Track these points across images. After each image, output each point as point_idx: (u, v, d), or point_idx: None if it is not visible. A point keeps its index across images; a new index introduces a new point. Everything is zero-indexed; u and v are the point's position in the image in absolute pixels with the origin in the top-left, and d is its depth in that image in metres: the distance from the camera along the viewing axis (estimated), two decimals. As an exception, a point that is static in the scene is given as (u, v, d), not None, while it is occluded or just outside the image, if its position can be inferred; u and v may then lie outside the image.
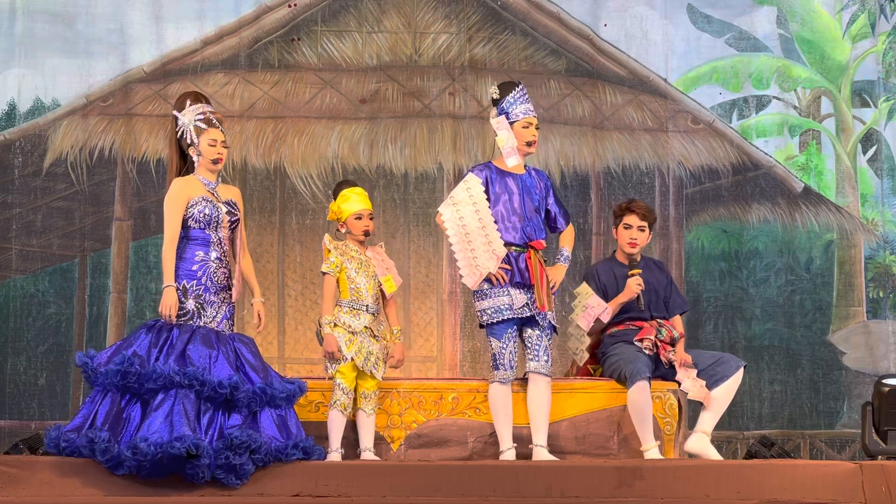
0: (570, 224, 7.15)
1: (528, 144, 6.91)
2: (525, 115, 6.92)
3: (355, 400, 6.81)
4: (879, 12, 10.08)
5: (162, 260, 6.52)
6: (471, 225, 6.78)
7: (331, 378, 6.77)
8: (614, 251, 7.46)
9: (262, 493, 6.21)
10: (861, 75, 10.13)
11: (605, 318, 7.12)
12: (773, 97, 10.11)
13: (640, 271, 7.19)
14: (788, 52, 10.13)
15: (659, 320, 7.19)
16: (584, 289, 7.19)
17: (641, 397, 6.82)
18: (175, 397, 6.24)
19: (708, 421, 7.03)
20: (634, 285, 7.13)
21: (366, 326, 6.79)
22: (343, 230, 6.94)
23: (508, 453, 6.76)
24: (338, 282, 6.87)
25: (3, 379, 9.45)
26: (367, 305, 6.82)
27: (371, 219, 6.93)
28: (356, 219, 6.89)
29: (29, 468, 6.26)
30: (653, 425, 6.89)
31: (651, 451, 6.84)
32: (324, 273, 6.88)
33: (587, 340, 7.15)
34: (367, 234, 6.90)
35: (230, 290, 6.65)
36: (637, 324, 7.17)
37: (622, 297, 7.15)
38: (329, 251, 6.88)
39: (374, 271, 6.88)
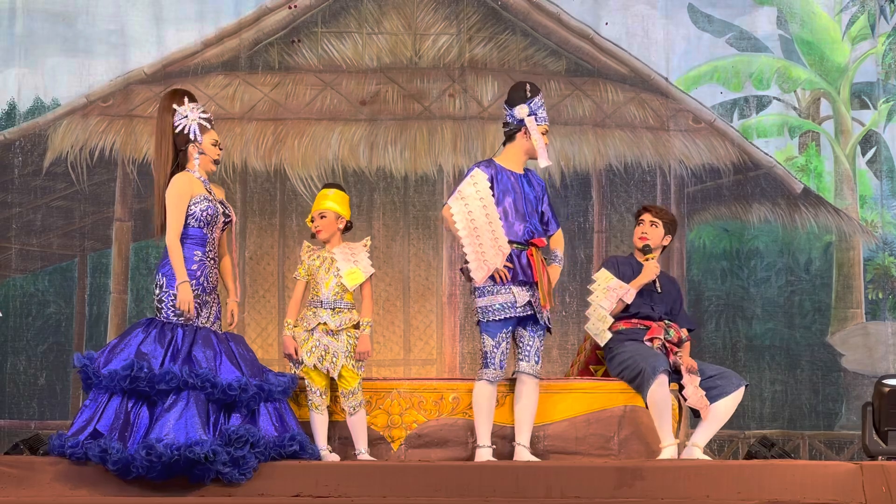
0: (560, 228, 7.17)
1: None
2: (545, 121, 6.97)
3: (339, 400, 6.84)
4: (879, 14, 10.08)
5: (170, 256, 6.48)
6: (479, 220, 6.78)
7: (301, 378, 6.79)
8: (632, 252, 7.50)
9: (262, 494, 6.22)
10: (860, 77, 10.13)
11: (628, 299, 7.15)
12: (774, 98, 10.12)
13: (655, 255, 7.24)
14: (788, 53, 10.14)
15: (667, 321, 7.21)
16: (604, 274, 7.22)
17: (662, 392, 6.83)
18: (187, 399, 6.24)
19: (702, 435, 7.03)
20: (653, 266, 7.20)
21: (321, 323, 6.79)
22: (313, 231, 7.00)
23: (485, 451, 6.76)
24: (306, 285, 6.94)
25: (3, 379, 9.45)
26: (322, 301, 6.83)
27: (322, 218, 6.92)
28: (310, 220, 6.96)
29: (29, 468, 6.27)
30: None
31: (669, 448, 6.84)
32: (296, 279, 6.96)
33: (610, 320, 7.14)
34: (313, 236, 6.95)
35: (216, 290, 6.65)
36: (646, 323, 7.19)
37: (642, 279, 7.19)
38: (301, 257, 6.95)
39: (335, 267, 6.88)
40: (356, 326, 6.87)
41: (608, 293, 7.14)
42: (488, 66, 9.89)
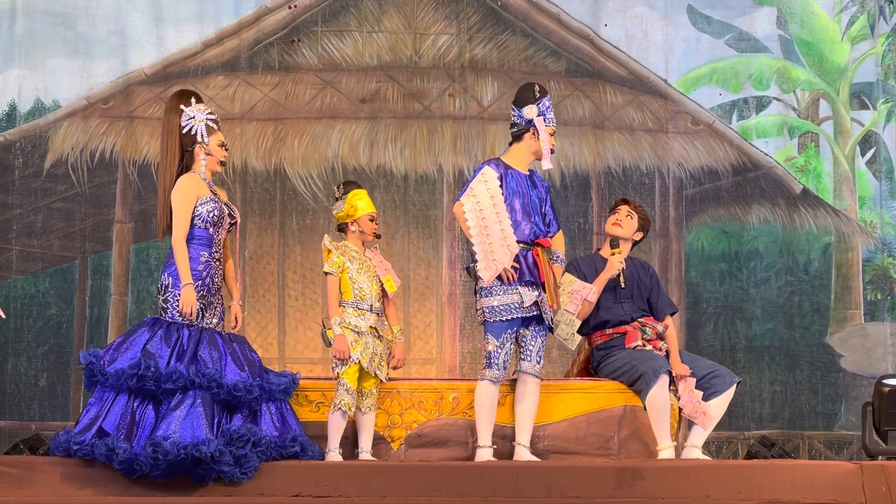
0: (560, 230, 7.18)
1: (551, 151, 6.98)
2: (552, 123, 6.97)
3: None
4: (878, 14, 10.08)
5: (176, 257, 6.47)
6: (489, 218, 6.78)
7: (335, 378, 6.77)
8: (598, 249, 7.52)
9: (262, 493, 6.22)
10: (860, 77, 10.14)
11: (593, 298, 7.16)
12: (773, 98, 10.12)
13: (621, 250, 7.26)
14: (788, 54, 10.15)
15: (640, 320, 7.21)
16: (567, 278, 7.24)
17: (663, 394, 6.84)
18: (193, 398, 6.25)
19: (700, 434, 7.04)
20: (616, 262, 7.22)
21: (371, 327, 6.80)
22: (354, 228, 6.93)
23: (486, 451, 6.77)
24: (339, 282, 6.88)
25: (4, 379, 9.45)
26: (371, 305, 6.83)
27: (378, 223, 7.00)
28: (370, 219, 6.93)
29: (29, 468, 6.28)
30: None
31: (666, 451, 6.85)
32: (326, 273, 6.87)
33: (577, 323, 7.17)
34: (378, 236, 6.95)
35: (221, 291, 6.66)
36: (620, 330, 7.19)
37: (605, 274, 7.22)
38: (330, 251, 6.87)
39: (374, 271, 6.89)
40: None
41: (572, 297, 7.16)
42: (488, 66, 9.90)
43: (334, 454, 6.70)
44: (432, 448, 6.96)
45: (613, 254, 7.25)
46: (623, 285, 7.21)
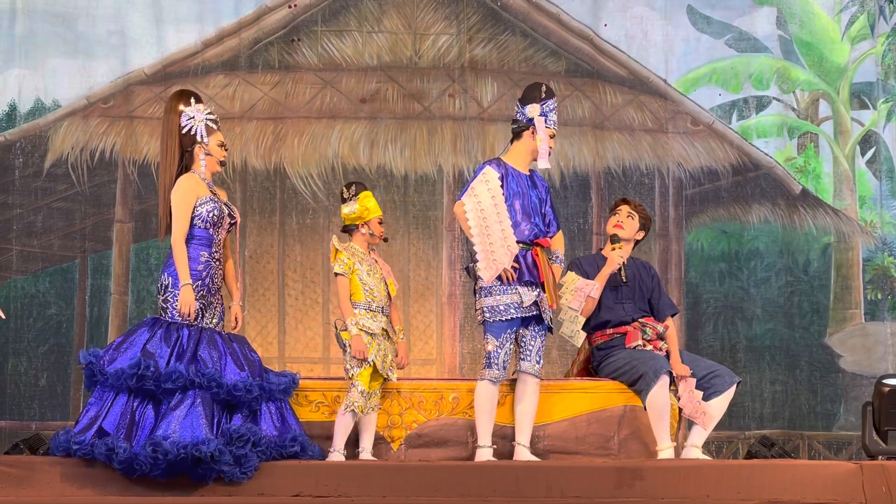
0: (560, 230, 7.18)
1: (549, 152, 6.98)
2: (554, 125, 6.97)
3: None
4: (878, 14, 10.08)
5: (175, 257, 6.48)
6: (490, 218, 6.78)
7: (348, 379, 6.76)
8: (600, 248, 7.54)
9: (262, 493, 6.23)
10: (860, 77, 10.14)
11: (596, 294, 7.17)
12: (773, 98, 10.12)
13: (622, 245, 7.26)
14: (788, 54, 10.15)
15: (640, 321, 7.22)
16: (570, 276, 7.25)
17: (663, 394, 6.85)
18: (193, 398, 6.26)
19: (700, 434, 7.05)
20: (617, 256, 7.24)
21: (382, 328, 6.81)
22: (364, 231, 6.92)
23: (486, 451, 6.77)
24: (349, 283, 6.88)
25: (4, 379, 9.46)
26: (382, 307, 6.83)
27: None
28: (379, 222, 6.92)
29: (29, 468, 6.28)
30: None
31: (666, 451, 6.85)
32: (337, 274, 6.86)
33: (581, 320, 7.18)
34: (385, 239, 6.94)
35: (220, 291, 6.66)
36: (621, 330, 7.20)
37: (606, 269, 7.23)
38: (340, 252, 6.86)
39: (381, 273, 6.89)
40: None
41: (576, 294, 7.17)
42: (488, 66, 9.90)
43: (338, 454, 6.69)
44: (432, 448, 6.97)
45: (614, 248, 7.26)
46: (624, 280, 7.22)
